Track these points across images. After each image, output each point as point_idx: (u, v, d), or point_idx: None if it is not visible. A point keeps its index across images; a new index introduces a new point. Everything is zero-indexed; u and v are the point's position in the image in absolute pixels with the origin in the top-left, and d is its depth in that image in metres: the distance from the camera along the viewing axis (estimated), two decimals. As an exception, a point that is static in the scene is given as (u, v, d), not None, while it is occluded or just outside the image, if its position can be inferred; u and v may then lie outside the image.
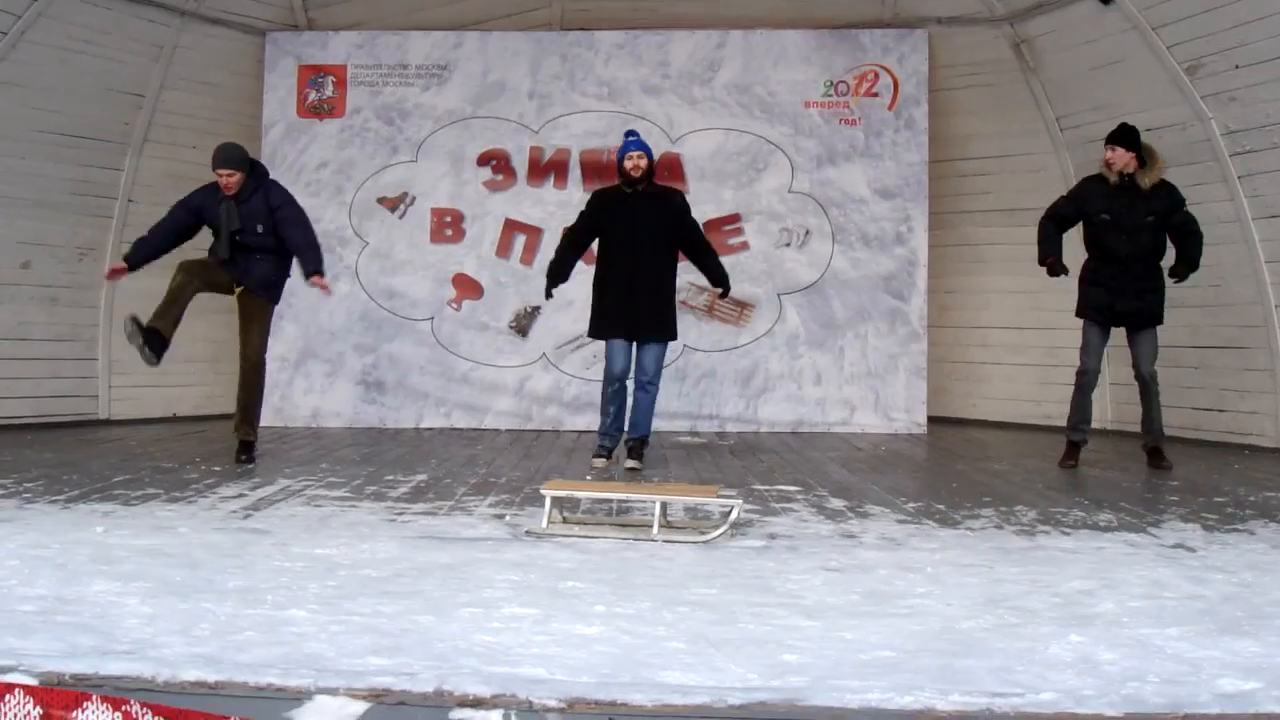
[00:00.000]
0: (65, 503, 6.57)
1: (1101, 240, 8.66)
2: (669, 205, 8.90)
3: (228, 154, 8.60)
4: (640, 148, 8.83)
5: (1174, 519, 6.44)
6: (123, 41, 10.98)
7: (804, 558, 5.27)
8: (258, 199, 8.55)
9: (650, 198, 8.79)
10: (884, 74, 11.83)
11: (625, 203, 8.76)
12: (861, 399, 11.67)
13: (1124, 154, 8.60)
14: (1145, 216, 8.53)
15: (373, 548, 5.37)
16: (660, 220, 8.77)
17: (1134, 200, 8.56)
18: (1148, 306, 8.65)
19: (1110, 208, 8.58)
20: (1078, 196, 8.84)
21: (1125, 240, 8.54)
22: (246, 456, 8.65)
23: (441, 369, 11.76)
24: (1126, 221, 8.54)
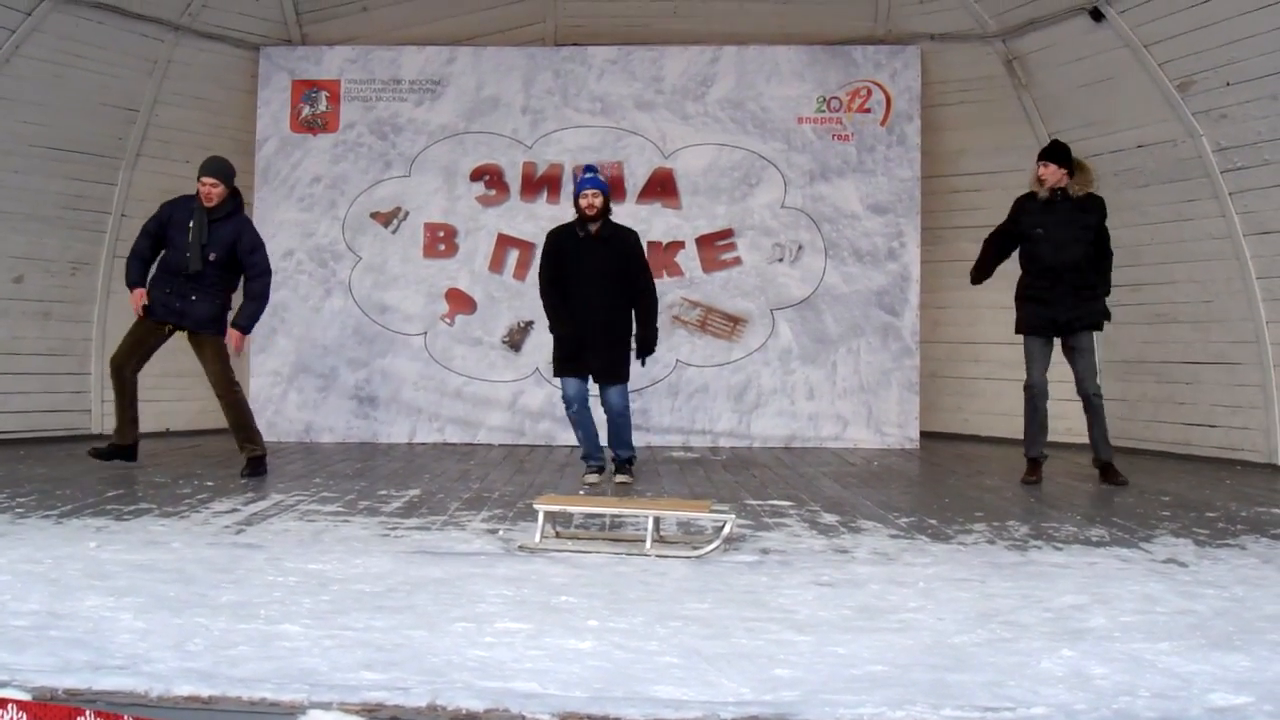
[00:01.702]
0: (58, 518, 6.56)
1: (1035, 254, 8.76)
2: (621, 248, 8.83)
3: (218, 165, 8.71)
4: (596, 185, 8.79)
5: (1165, 534, 6.45)
6: (116, 56, 11.00)
7: (796, 572, 5.28)
8: (229, 227, 8.65)
9: (603, 241, 8.75)
10: (877, 90, 11.86)
11: (578, 245, 8.76)
12: (854, 414, 11.68)
13: (1056, 170, 8.70)
14: (1079, 228, 8.63)
15: (366, 562, 5.37)
16: (612, 264, 8.72)
17: (1066, 213, 8.66)
18: (1087, 313, 8.71)
19: (1043, 222, 8.69)
20: (1013, 216, 8.94)
21: (1058, 252, 8.63)
22: (256, 469, 8.73)
23: (435, 384, 11.76)
24: (1059, 234, 8.63)
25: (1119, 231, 9.13)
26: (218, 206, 8.59)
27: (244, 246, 8.65)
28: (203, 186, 8.59)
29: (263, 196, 11.80)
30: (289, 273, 11.72)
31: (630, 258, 8.84)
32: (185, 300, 8.55)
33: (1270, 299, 9.79)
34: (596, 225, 8.72)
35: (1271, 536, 6.43)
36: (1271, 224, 9.70)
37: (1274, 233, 9.70)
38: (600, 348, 8.68)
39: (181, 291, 8.55)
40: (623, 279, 8.74)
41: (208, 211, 8.58)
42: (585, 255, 8.69)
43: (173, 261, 8.58)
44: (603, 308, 8.66)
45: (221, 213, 8.61)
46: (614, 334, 8.75)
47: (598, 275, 8.65)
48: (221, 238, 8.57)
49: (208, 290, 8.59)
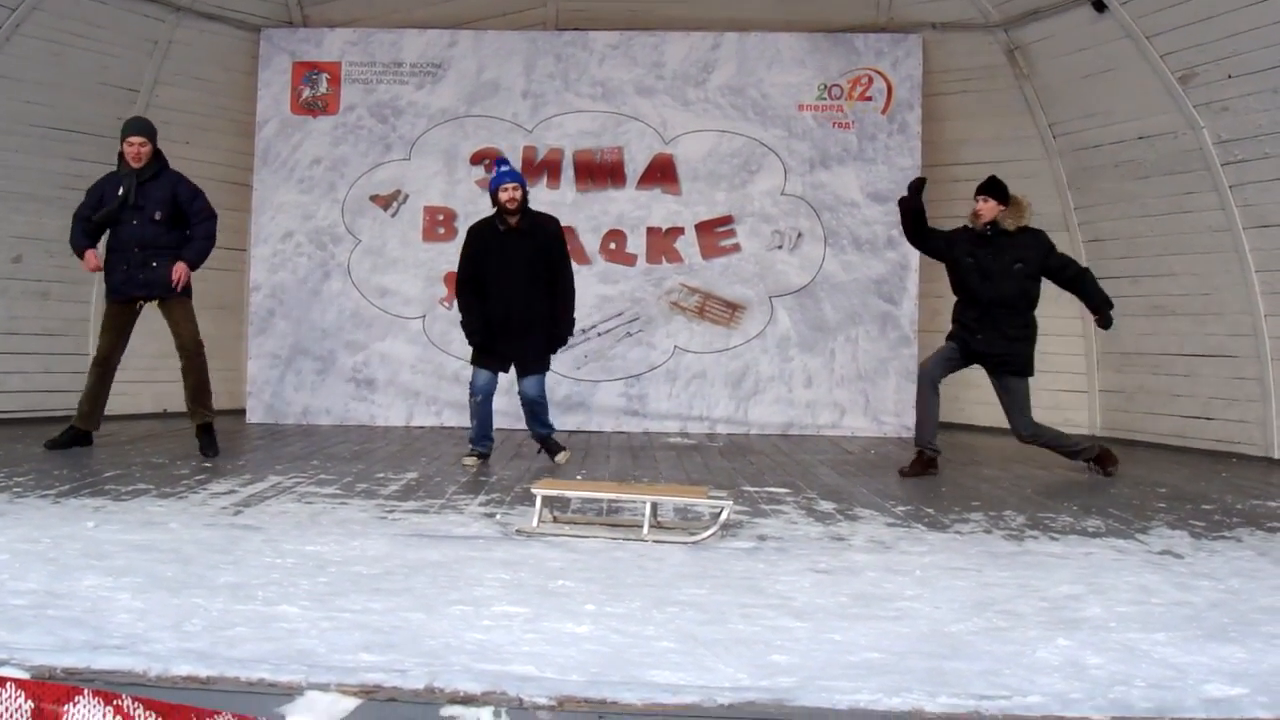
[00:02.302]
0: (56, 497, 6.56)
1: (965, 283, 8.68)
2: (542, 238, 8.79)
3: (143, 123, 8.75)
4: (515, 178, 8.75)
5: (1162, 525, 6.46)
6: (117, 36, 10.98)
7: (793, 559, 5.29)
8: (161, 184, 8.61)
9: (523, 234, 8.68)
10: (878, 78, 11.87)
11: (497, 240, 8.70)
12: (852, 402, 11.70)
13: (994, 205, 8.57)
14: (1012, 263, 8.49)
15: (363, 545, 5.38)
16: (532, 256, 8.70)
17: (999, 246, 8.53)
18: (1010, 354, 8.59)
19: (974, 253, 8.60)
20: (949, 237, 8.85)
21: (988, 285, 8.51)
22: (209, 443, 8.75)
23: (433, 367, 11.77)
24: (990, 266, 8.51)
25: (1117, 223, 9.15)
26: (145, 166, 8.55)
27: (183, 196, 8.64)
28: (130, 147, 8.53)
29: (262, 178, 11.81)
30: (287, 255, 11.74)
31: (550, 247, 8.85)
32: (148, 269, 8.53)
33: (1269, 292, 9.80)
34: (516, 218, 8.66)
35: (1267, 529, 6.45)
36: (1271, 217, 9.70)
37: (1274, 226, 9.70)
38: (521, 339, 8.72)
39: (140, 261, 8.52)
40: (543, 270, 8.75)
41: (136, 173, 8.53)
42: (506, 249, 8.66)
43: (122, 236, 8.56)
44: (522, 301, 8.66)
45: (149, 173, 8.57)
46: (534, 325, 8.75)
47: (519, 268, 8.65)
48: (159, 196, 8.55)
49: (165, 253, 8.57)
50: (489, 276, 8.68)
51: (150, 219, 8.51)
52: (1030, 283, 8.56)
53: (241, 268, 11.99)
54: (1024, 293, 8.55)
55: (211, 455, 8.66)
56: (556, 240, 8.93)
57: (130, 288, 8.58)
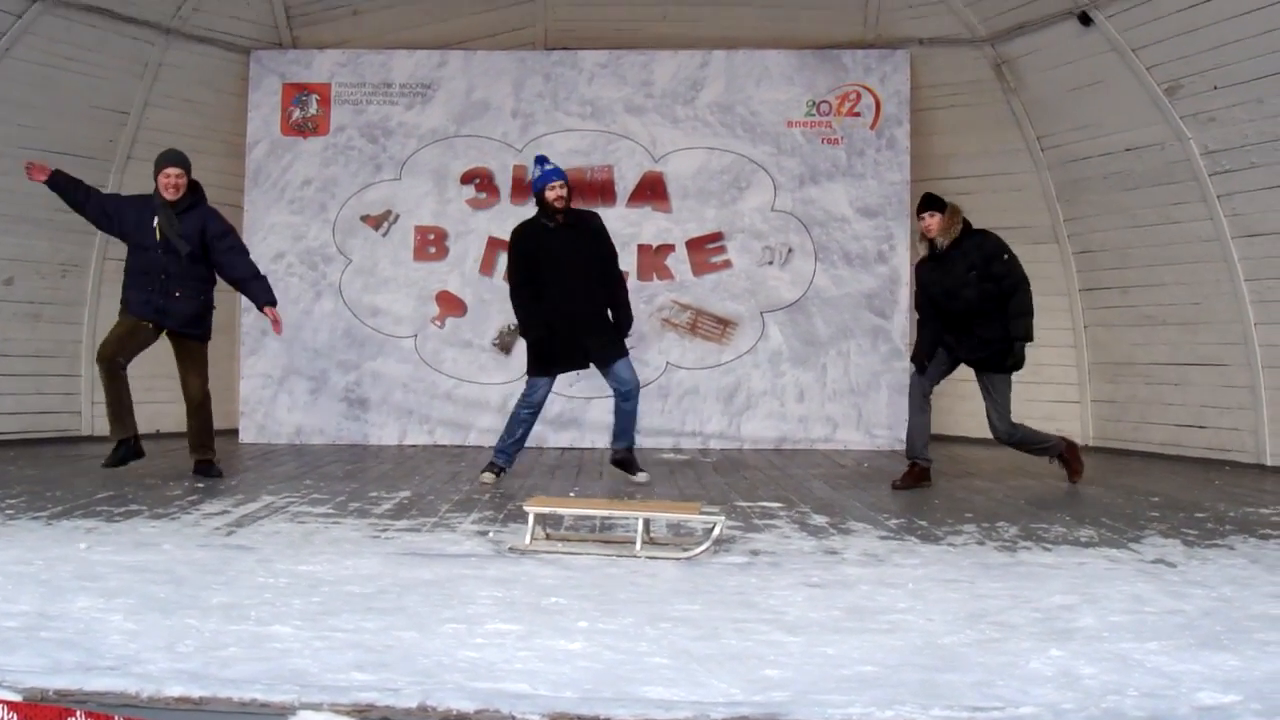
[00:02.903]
0: (48, 519, 6.55)
1: (935, 305, 8.63)
2: (589, 230, 8.71)
3: (179, 155, 8.57)
4: (560, 176, 8.66)
5: (1154, 534, 6.46)
6: (107, 59, 11.01)
7: (786, 574, 5.29)
8: (193, 218, 8.42)
9: (570, 229, 8.59)
10: (866, 94, 11.90)
11: (549, 238, 8.57)
12: (844, 416, 11.71)
13: (940, 219, 8.50)
14: (966, 272, 8.40)
15: (356, 564, 5.37)
16: (586, 249, 8.60)
17: (949, 262, 8.47)
18: (993, 354, 8.53)
19: (932, 278, 8.56)
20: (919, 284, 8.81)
21: (954, 300, 8.47)
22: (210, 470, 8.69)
23: (425, 386, 11.78)
24: (948, 284, 8.46)
25: (1107, 235, 9.18)
26: (181, 199, 8.39)
27: (214, 232, 8.46)
28: (166, 179, 8.37)
29: (253, 199, 11.82)
30: (279, 275, 11.70)
31: (600, 240, 8.76)
32: (169, 298, 8.34)
33: (1258, 300, 9.84)
34: (562, 215, 8.57)
35: (1260, 536, 6.45)
36: (1259, 226, 9.74)
37: (1261, 235, 9.74)
38: (589, 332, 8.58)
39: (164, 289, 8.33)
40: (597, 262, 8.66)
41: (172, 204, 8.35)
42: (559, 247, 8.51)
43: (146, 263, 8.34)
44: (584, 295, 8.56)
45: (184, 205, 8.40)
46: (601, 315, 8.66)
47: (574, 264, 8.52)
48: (190, 230, 8.36)
49: (190, 286, 8.42)
50: (545, 277, 8.55)
51: (179, 254, 8.30)
52: (990, 284, 8.42)
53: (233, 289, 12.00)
54: (984, 295, 8.41)
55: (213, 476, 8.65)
56: (604, 231, 8.84)
57: (146, 309, 8.35)
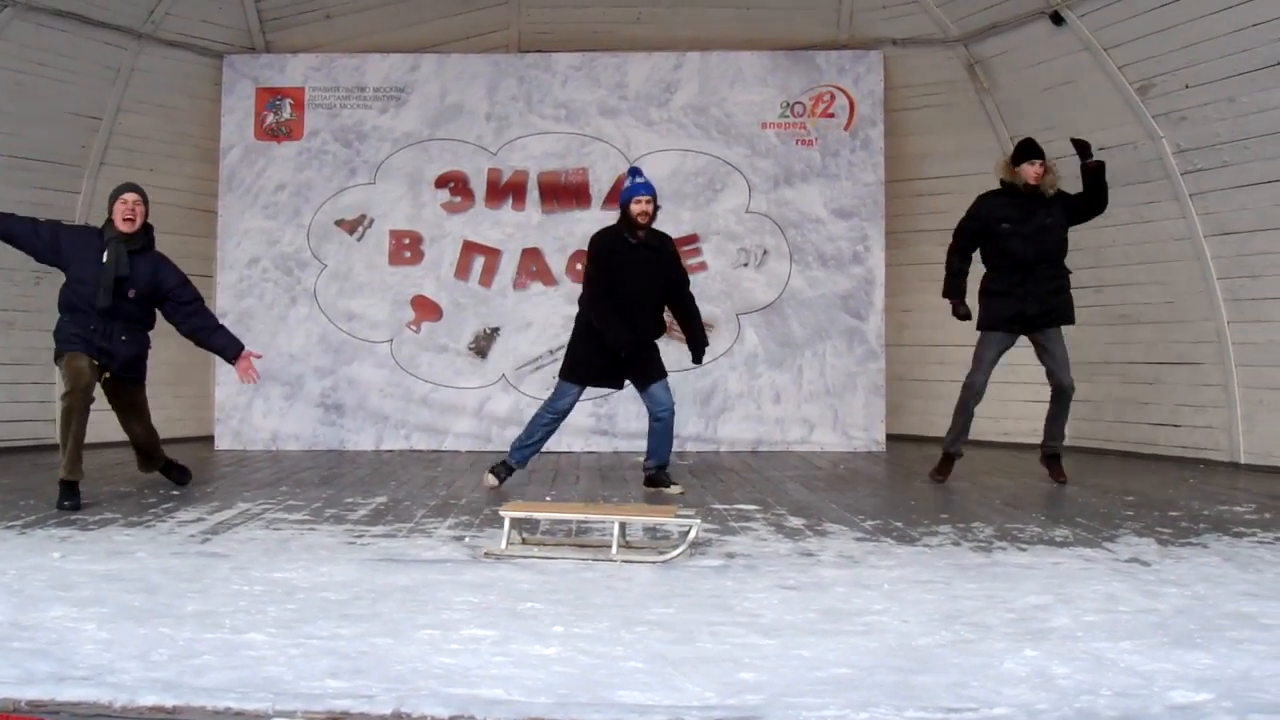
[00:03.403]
0: (21, 528, 6.53)
1: (1005, 248, 8.74)
2: (665, 252, 8.59)
3: (136, 184, 8.10)
4: (649, 191, 8.43)
5: (1129, 533, 6.50)
6: (79, 64, 10.96)
7: (762, 576, 5.30)
8: (146, 260, 7.93)
9: (651, 249, 8.44)
10: (840, 95, 11.91)
11: (630, 253, 8.39)
12: (820, 417, 11.72)
13: (1041, 167, 8.75)
14: (1045, 219, 8.67)
15: (331, 570, 5.36)
16: (661, 272, 8.48)
17: (1034, 206, 8.69)
18: (1058, 306, 8.73)
19: (1009, 216, 8.71)
20: (976, 214, 8.92)
21: (1028, 244, 8.65)
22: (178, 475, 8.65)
23: (401, 391, 11.75)
24: (1028, 227, 8.65)
25: (1082, 233, 9.19)
26: (135, 235, 7.85)
27: (170, 281, 8.02)
28: (124, 204, 7.83)
29: (227, 204, 11.78)
30: (254, 281, 11.71)
31: (674, 264, 8.71)
32: (114, 341, 7.81)
33: (1231, 299, 9.89)
34: (644, 231, 8.40)
35: (1233, 535, 6.49)
36: (1231, 225, 9.80)
37: (1234, 233, 9.80)
38: (651, 354, 8.54)
39: (106, 332, 7.77)
40: (664, 285, 8.54)
41: (126, 239, 7.80)
42: (638, 262, 8.37)
43: (84, 296, 7.72)
44: (649, 314, 8.50)
45: (138, 243, 7.87)
46: (650, 341, 8.58)
47: (646, 283, 8.42)
48: (141, 272, 7.84)
49: (135, 329, 7.98)
50: (620, 289, 8.36)
51: (125, 293, 7.74)
52: (1064, 233, 8.77)
53: (208, 294, 11.81)
54: (1060, 243, 8.75)
55: (186, 481, 8.63)
56: (677, 257, 8.85)
57: (89, 349, 7.75)
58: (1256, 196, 9.59)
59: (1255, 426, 9.89)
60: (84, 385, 7.62)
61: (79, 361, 7.68)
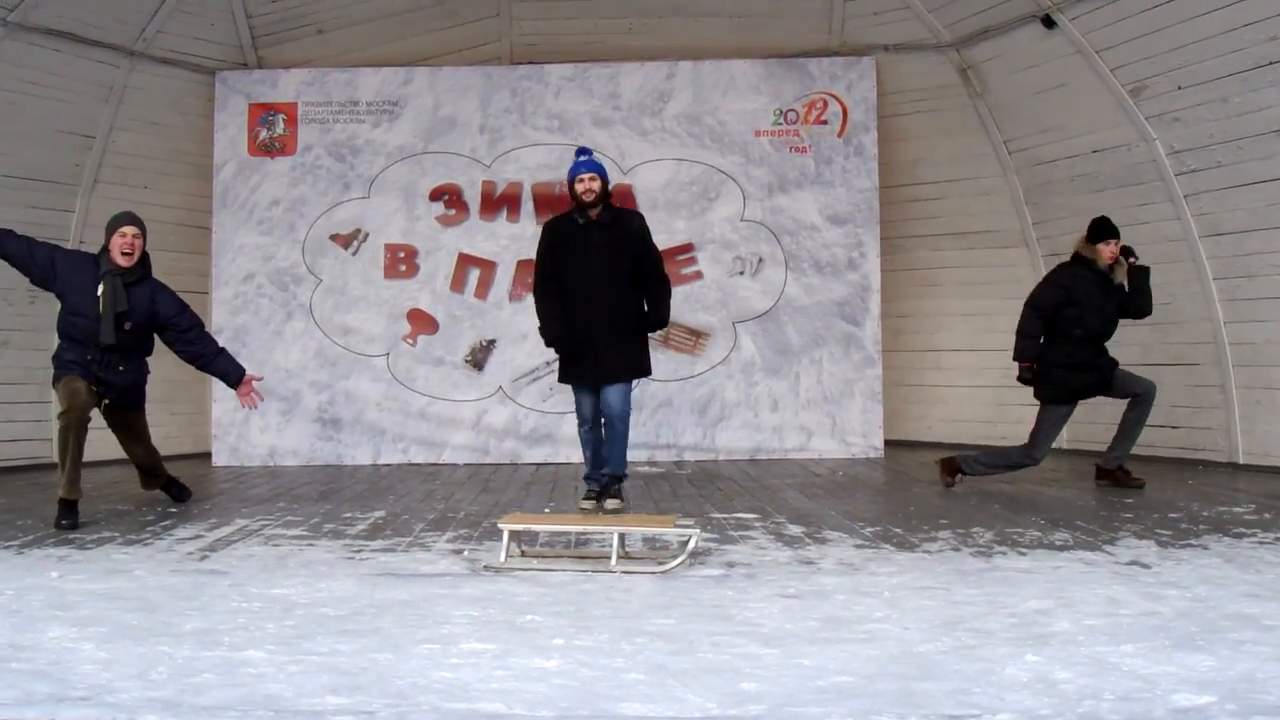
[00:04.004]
0: (19, 548, 6.52)
1: (1087, 323, 8.84)
2: (626, 231, 8.09)
3: (136, 216, 8.04)
4: (592, 168, 8.06)
5: (1129, 536, 6.50)
6: (71, 82, 10.94)
7: (762, 585, 5.29)
8: (143, 291, 7.91)
9: (604, 227, 7.99)
10: (833, 101, 11.91)
11: (578, 235, 8.00)
12: (818, 424, 11.70)
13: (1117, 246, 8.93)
14: (1113, 297, 8.93)
15: (330, 586, 5.35)
16: (618, 250, 7.98)
17: (1108, 284, 8.90)
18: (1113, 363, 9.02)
19: (1092, 291, 8.84)
20: (1067, 286, 8.92)
21: (1110, 324, 8.95)
22: (177, 492, 8.66)
23: (398, 404, 11.73)
24: (1107, 304, 8.89)
25: (1076, 236, 9.20)
26: (132, 269, 7.84)
27: (168, 310, 8.01)
28: (122, 238, 7.82)
29: (221, 220, 11.76)
30: (249, 296, 11.70)
31: (637, 242, 8.13)
32: (112, 371, 7.83)
33: (1226, 299, 9.90)
34: (596, 210, 7.98)
35: (1233, 535, 6.49)
36: (1225, 225, 9.80)
37: (1228, 234, 9.80)
38: (604, 344, 7.95)
39: (104, 362, 7.78)
40: (629, 267, 8.03)
41: (123, 273, 7.80)
42: (587, 245, 7.96)
43: (81, 329, 7.73)
44: (607, 302, 7.96)
45: (135, 275, 7.86)
46: (620, 329, 8.02)
47: (602, 265, 7.94)
48: (139, 304, 7.84)
49: (133, 359, 8.02)
50: (569, 276, 7.99)
51: (121, 326, 7.73)
52: None
53: (204, 310, 11.79)
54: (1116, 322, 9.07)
55: (186, 499, 8.63)
56: (642, 234, 8.19)
57: (87, 376, 7.75)
58: (1251, 196, 9.59)
59: (1254, 426, 9.90)
60: (80, 404, 7.60)
61: (76, 382, 7.69)
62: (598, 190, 8.01)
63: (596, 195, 8.00)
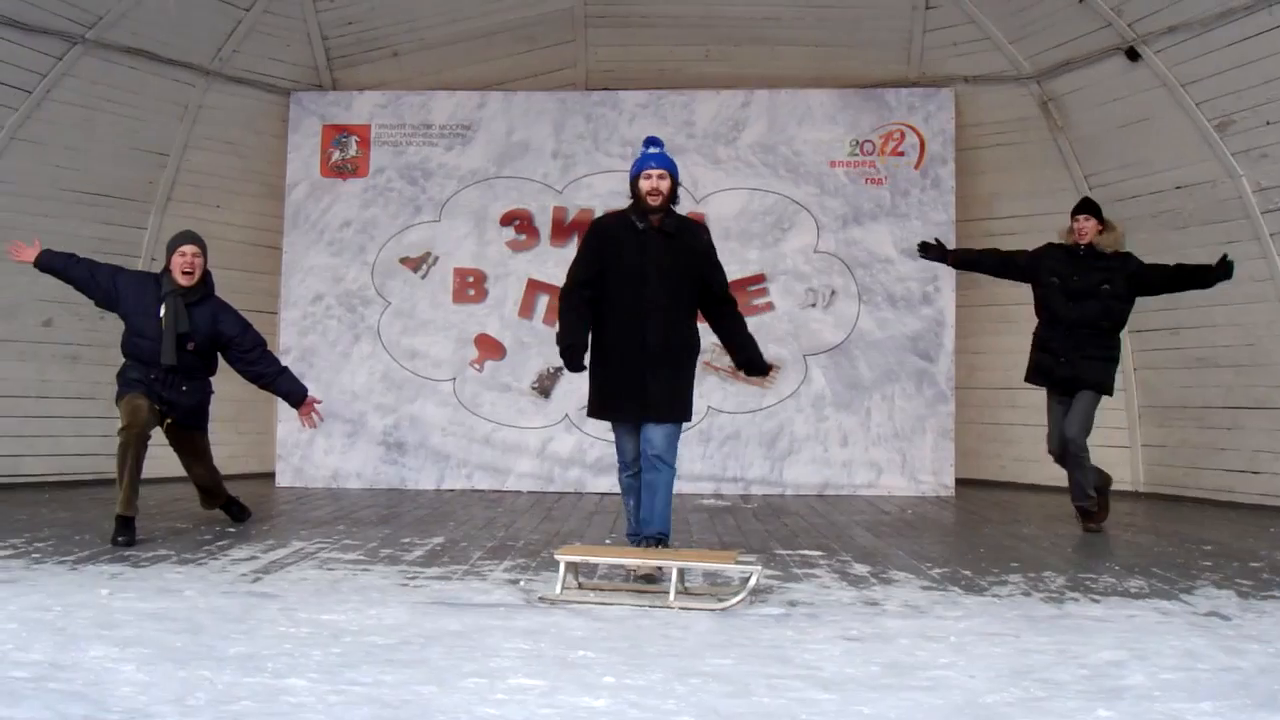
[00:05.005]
0: (74, 563, 6.48)
1: (1048, 304, 8.61)
2: (693, 245, 6.81)
3: (196, 234, 8.00)
4: (664, 164, 6.69)
5: (1207, 585, 6.26)
6: (147, 100, 11.04)
7: (824, 626, 5.13)
8: (205, 311, 7.89)
9: (667, 236, 6.67)
10: (910, 133, 11.75)
11: (634, 241, 6.68)
12: (888, 461, 11.50)
13: (1094, 224, 8.56)
14: (1100, 284, 8.44)
15: (381, 613, 5.24)
16: (681, 266, 6.70)
17: (1087, 267, 8.48)
18: (1088, 373, 8.47)
19: (1059, 272, 8.54)
20: (1034, 256, 8.78)
21: (1072, 305, 8.46)
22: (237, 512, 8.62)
23: (463, 430, 11.66)
24: (1076, 286, 8.46)
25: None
26: (193, 288, 7.83)
27: (231, 330, 7.98)
28: (181, 257, 7.79)
29: (292, 241, 11.79)
30: (317, 318, 11.70)
31: (703, 259, 6.83)
32: (176, 391, 7.82)
33: (1314, 342, 9.63)
34: (659, 215, 6.67)
35: (1318, 589, 6.24)
36: (1314, 266, 9.54)
37: (1317, 276, 9.54)
38: (653, 375, 6.61)
39: (168, 382, 7.77)
40: (689, 286, 6.75)
41: (184, 293, 7.79)
42: (644, 255, 6.64)
43: (144, 349, 7.73)
44: (660, 325, 6.64)
45: (196, 295, 7.85)
46: (672, 357, 6.71)
47: (659, 281, 6.63)
48: (201, 324, 7.83)
49: (197, 379, 8.00)
50: (617, 286, 6.67)
51: (184, 347, 7.74)
52: (1116, 303, 8.51)
53: (271, 331, 11.85)
54: (1108, 312, 8.48)
55: (245, 519, 8.61)
56: (710, 250, 6.90)
57: (151, 396, 7.72)
58: (1340, 237, 9.34)
59: (1339, 474, 9.61)
60: (141, 421, 7.57)
61: (139, 399, 7.67)
62: (666, 191, 6.67)
63: (664, 198, 6.67)
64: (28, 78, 10.20)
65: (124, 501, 7.41)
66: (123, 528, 7.36)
